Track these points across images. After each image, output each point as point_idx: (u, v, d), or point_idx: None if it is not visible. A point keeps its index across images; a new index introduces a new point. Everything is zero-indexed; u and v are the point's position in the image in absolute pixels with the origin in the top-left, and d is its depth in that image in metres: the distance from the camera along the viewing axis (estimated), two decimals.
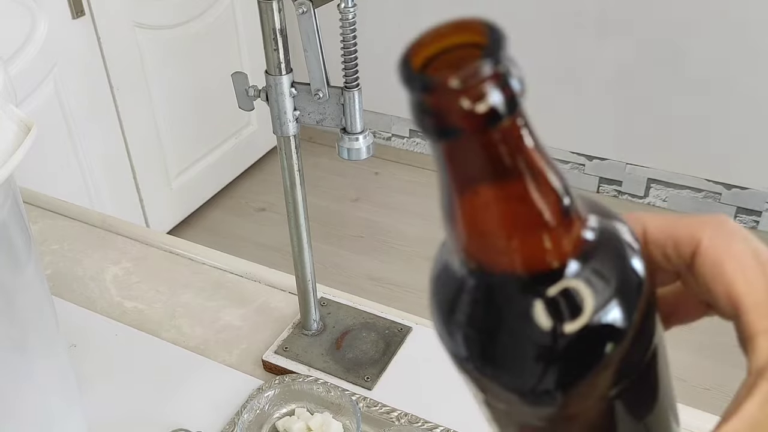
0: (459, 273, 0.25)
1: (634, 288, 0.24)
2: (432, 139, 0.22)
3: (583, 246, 0.24)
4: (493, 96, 0.20)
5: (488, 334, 0.24)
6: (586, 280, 0.23)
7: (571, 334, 0.23)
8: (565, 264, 0.23)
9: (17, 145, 0.43)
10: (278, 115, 0.61)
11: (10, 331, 0.50)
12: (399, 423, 0.64)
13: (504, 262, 0.23)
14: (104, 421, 0.66)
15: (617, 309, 0.23)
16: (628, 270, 0.24)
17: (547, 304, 0.23)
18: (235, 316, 0.78)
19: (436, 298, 0.26)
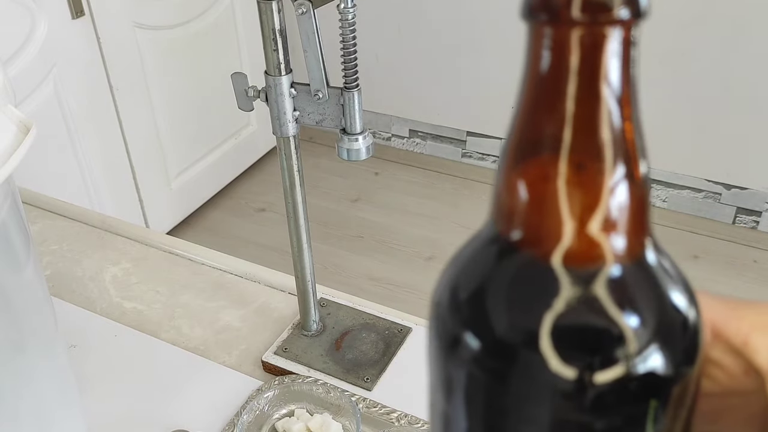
0: (484, 244, 0.22)
1: (688, 345, 0.20)
2: (536, 20, 0.19)
3: (642, 253, 0.20)
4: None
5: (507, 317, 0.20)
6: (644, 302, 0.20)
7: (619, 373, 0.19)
8: (610, 264, 0.20)
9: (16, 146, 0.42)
10: (278, 115, 0.61)
11: (9, 331, 0.50)
12: (399, 424, 0.64)
13: (549, 232, 0.20)
14: (103, 422, 0.65)
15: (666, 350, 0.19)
16: (684, 317, 0.21)
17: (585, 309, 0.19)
18: (235, 317, 0.78)
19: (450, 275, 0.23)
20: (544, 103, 0.19)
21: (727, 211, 2.13)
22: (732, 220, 2.14)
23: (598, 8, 0.18)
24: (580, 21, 0.18)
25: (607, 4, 0.18)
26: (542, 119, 0.19)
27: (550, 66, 0.19)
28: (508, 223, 0.21)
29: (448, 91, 2.37)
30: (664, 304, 0.20)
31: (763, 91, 1.94)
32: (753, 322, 0.22)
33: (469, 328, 0.21)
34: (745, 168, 2.06)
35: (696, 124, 2.06)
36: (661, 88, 2.05)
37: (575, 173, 0.19)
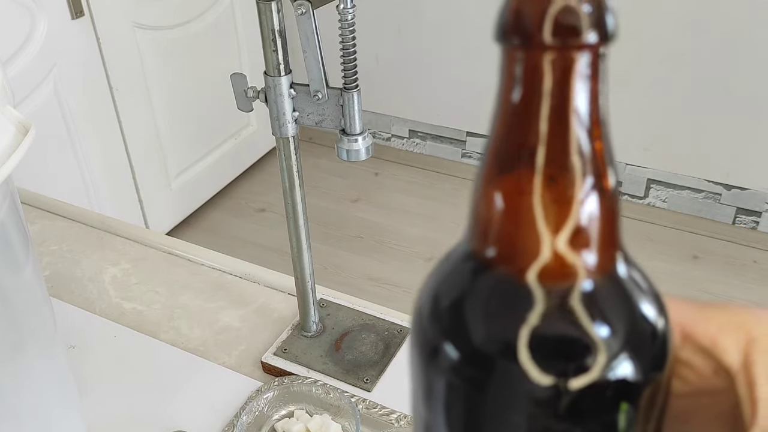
0: (461, 260, 0.23)
1: (657, 352, 0.21)
2: (508, 43, 0.20)
3: (613, 267, 0.21)
4: (586, 10, 0.19)
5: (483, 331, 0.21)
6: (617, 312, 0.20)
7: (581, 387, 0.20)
8: (582, 279, 0.20)
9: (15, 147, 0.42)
10: (277, 116, 0.61)
11: (8, 332, 0.50)
12: (398, 425, 0.64)
13: (519, 247, 0.21)
14: (103, 423, 0.65)
15: (634, 361, 0.20)
16: (650, 318, 0.21)
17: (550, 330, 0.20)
18: (234, 318, 0.78)
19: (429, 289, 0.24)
20: (517, 122, 0.20)
21: (727, 211, 2.13)
22: (732, 220, 2.14)
23: (568, 33, 0.19)
24: (551, 45, 0.19)
25: (576, 28, 0.19)
26: (514, 138, 0.20)
27: (522, 87, 0.20)
28: (483, 239, 0.22)
29: (447, 91, 2.37)
30: (634, 314, 0.21)
31: (763, 91, 1.94)
32: (721, 322, 0.23)
33: (448, 338, 0.21)
34: (745, 168, 2.06)
35: (696, 124, 2.06)
36: (661, 88, 2.05)
37: (546, 190, 0.20)
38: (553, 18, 0.19)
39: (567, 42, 0.19)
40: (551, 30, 0.19)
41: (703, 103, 2.02)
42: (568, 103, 0.19)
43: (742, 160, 2.05)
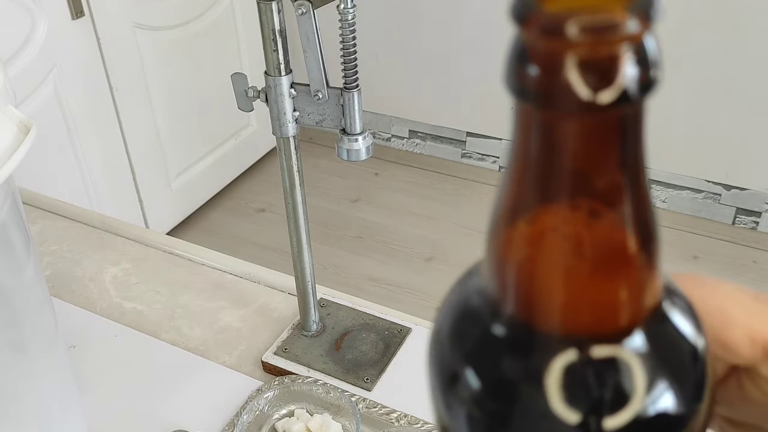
0: (484, 317, 0.20)
1: (700, 372, 0.19)
2: (527, 102, 0.16)
3: (657, 311, 0.19)
4: (627, 66, 0.15)
5: (511, 397, 0.19)
6: (657, 356, 0.18)
7: (630, 422, 0.18)
8: (632, 330, 0.18)
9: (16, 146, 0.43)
10: (278, 116, 0.61)
11: (10, 331, 0.50)
12: (398, 424, 0.64)
13: (562, 311, 0.18)
14: (103, 422, 0.66)
15: (686, 399, 0.19)
16: (692, 346, 0.20)
17: (603, 377, 0.18)
18: (235, 317, 0.78)
19: (443, 346, 0.21)
20: (539, 172, 0.17)
21: (726, 211, 2.13)
22: (732, 220, 2.14)
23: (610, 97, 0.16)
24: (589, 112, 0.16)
25: (622, 91, 0.15)
26: (541, 180, 0.17)
27: (549, 144, 0.17)
28: (504, 283, 0.19)
29: (447, 91, 2.38)
30: (676, 345, 0.19)
31: (763, 91, 1.94)
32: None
33: (468, 365, 0.20)
34: (745, 168, 2.06)
35: (696, 125, 2.06)
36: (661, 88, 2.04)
37: (585, 228, 0.18)
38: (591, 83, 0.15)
39: (611, 106, 0.16)
40: (594, 94, 0.15)
41: (703, 103, 2.02)
42: (615, 161, 0.17)
43: (742, 161, 2.06)
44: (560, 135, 0.16)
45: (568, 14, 0.15)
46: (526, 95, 0.16)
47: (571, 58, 0.15)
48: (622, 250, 0.18)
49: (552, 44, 0.15)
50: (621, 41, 0.15)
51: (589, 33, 0.15)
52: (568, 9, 0.15)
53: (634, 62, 0.15)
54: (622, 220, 0.17)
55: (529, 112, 0.17)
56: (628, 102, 0.16)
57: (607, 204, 0.17)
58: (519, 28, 0.16)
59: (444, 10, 2.24)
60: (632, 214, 0.17)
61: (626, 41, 0.15)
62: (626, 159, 0.17)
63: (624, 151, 0.17)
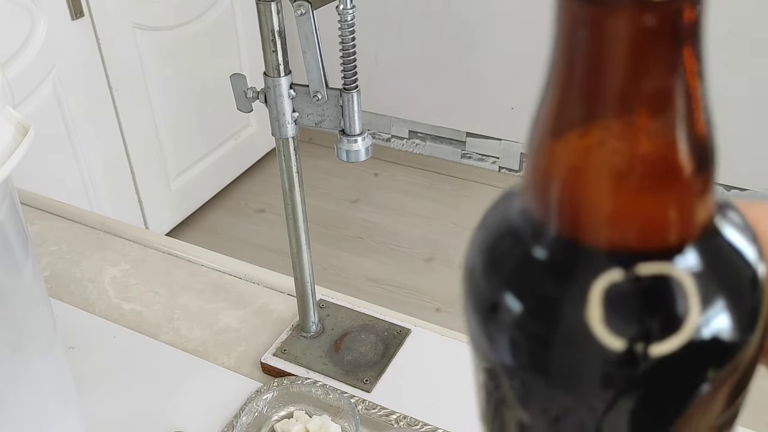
0: (526, 236, 0.18)
1: (756, 298, 0.18)
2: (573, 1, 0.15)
3: (711, 228, 0.18)
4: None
5: (560, 319, 0.17)
6: (709, 276, 0.17)
7: (678, 347, 0.17)
8: (684, 248, 0.17)
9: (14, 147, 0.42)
10: (277, 116, 0.61)
11: (7, 333, 0.50)
12: (398, 426, 0.64)
13: (613, 225, 0.17)
14: (102, 423, 0.65)
15: (739, 325, 0.17)
16: (750, 270, 0.18)
17: (651, 296, 0.17)
18: (234, 318, 0.78)
19: (482, 268, 0.19)
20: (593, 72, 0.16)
21: None
22: None
23: None
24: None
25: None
26: (589, 86, 0.16)
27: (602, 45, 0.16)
28: (546, 200, 0.18)
29: (447, 92, 2.38)
30: (735, 266, 0.18)
31: (763, 91, 1.94)
32: None
33: (507, 291, 0.18)
34: (745, 169, 2.06)
35: None
36: None
37: (634, 141, 0.16)
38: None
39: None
40: None
41: None
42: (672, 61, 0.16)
43: (742, 161, 2.06)
44: (610, 34, 0.15)
45: None
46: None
47: None
48: (673, 162, 0.16)
49: None
50: None
51: None
52: None
53: None
54: (674, 132, 0.16)
55: (575, 8, 0.15)
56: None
57: (659, 114, 0.16)
58: None
59: (444, 10, 2.24)
60: (685, 125, 0.16)
61: None
62: (681, 65, 0.16)
63: (679, 55, 0.16)
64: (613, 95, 0.16)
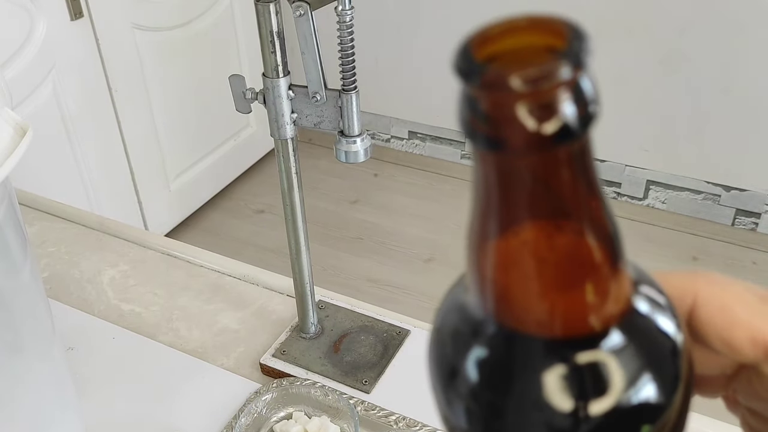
0: (473, 323, 0.21)
1: (675, 364, 0.21)
2: (479, 147, 0.18)
3: (628, 310, 0.21)
4: (566, 107, 0.17)
5: (502, 399, 0.20)
6: (631, 351, 0.20)
7: (609, 413, 0.20)
8: (607, 330, 0.20)
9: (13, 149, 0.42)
10: (276, 117, 0.61)
11: (6, 333, 0.50)
12: (397, 426, 0.64)
13: (538, 319, 0.20)
14: (101, 424, 0.65)
15: (661, 389, 0.20)
16: (669, 341, 0.21)
17: (582, 376, 0.20)
18: (233, 319, 0.78)
19: (440, 347, 0.22)
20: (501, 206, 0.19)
21: (726, 212, 2.13)
22: (731, 221, 2.14)
23: (548, 139, 0.17)
24: (534, 150, 0.17)
25: (557, 132, 0.17)
26: (506, 209, 0.19)
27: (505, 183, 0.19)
28: (485, 296, 0.21)
29: (447, 92, 2.36)
30: (652, 338, 0.21)
31: (762, 92, 1.94)
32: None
33: (466, 361, 0.21)
34: (745, 169, 2.06)
35: (695, 125, 2.06)
36: (661, 88, 2.05)
37: (551, 241, 0.19)
38: (531, 124, 0.17)
39: (554, 145, 0.17)
40: (537, 136, 0.17)
41: (702, 103, 2.02)
42: (571, 183, 0.18)
43: (742, 161, 2.06)
44: (513, 170, 0.18)
45: (507, 69, 0.17)
46: (478, 140, 0.18)
47: (518, 104, 0.17)
48: (583, 260, 0.19)
49: (495, 97, 0.17)
50: (557, 87, 0.17)
51: (530, 83, 0.16)
52: (508, 58, 0.18)
53: (571, 101, 0.17)
54: (580, 234, 0.19)
55: (486, 154, 0.18)
56: (571, 137, 0.17)
57: (565, 220, 0.19)
58: (463, 83, 0.18)
59: (443, 11, 2.24)
60: (589, 227, 0.19)
61: (562, 86, 0.17)
62: (576, 183, 0.18)
63: (574, 176, 0.18)
64: (521, 210, 0.19)
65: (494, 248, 0.20)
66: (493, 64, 0.18)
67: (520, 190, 0.18)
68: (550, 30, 0.18)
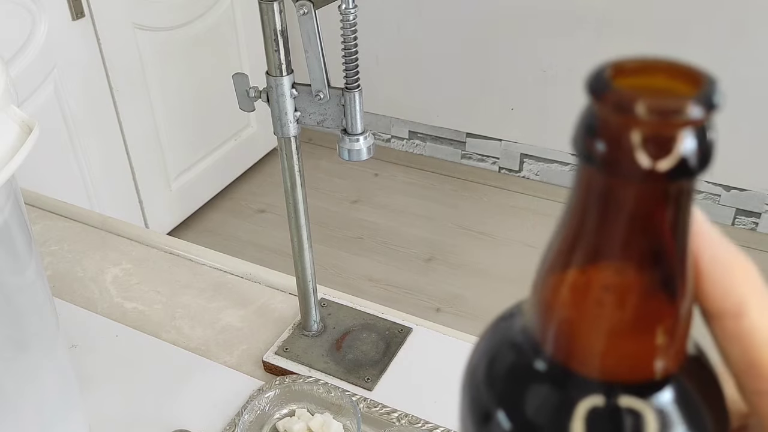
0: (525, 358, 0.21)
1: None
2: (593, 168, 0.18)
3: (685, 366, 0.21)
4: (688, 144, 0.17)
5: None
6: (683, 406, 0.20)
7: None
8: (660, 384, 0.20)
9: (19, 146, 0.43)
10: (279, 116, 0.61)
11: (11, 331, 0.50)
12: (399, 424, 0.64)
13: (608, 364, 0.20)
14: (105, 422, 0.66)
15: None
16: (718, 408, 0.21)
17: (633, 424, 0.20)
18: (236, 317, 0.78)
19: (487, 384, 0.22)
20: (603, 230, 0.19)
21: (726, 212, 2.14)
22: (731, 221, 2.14)
23: (670, 172, 0.17)
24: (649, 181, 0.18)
25: (681, 167, 0.17)
26: (596, 237, 0.19)
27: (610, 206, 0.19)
28: (545, 328, 0.21)
29: (447, 92, 2.38)
30: (695, 416, 0.20)
31: (762, 92, 1.94)
32: None
33: (501, 407, 0.21)
34: (745, 169, 2.06)
35: None
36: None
37: (633, 290, 0.19)
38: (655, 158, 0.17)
39: (669, 178, 0.17)
40: (657, 166, 0.17)
41: None
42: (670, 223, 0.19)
43: (742, 161, 2.06)
44: (619, 199, 0.18)
45: (640, 95, 0.17)
46: (592, 160, 0.18)
47: (638, 132, 0.17)
48: (660, 312, 0.19)
49: (622, 119, 0.17)
50: (684, 125, 0.17)
51: (657, 114, 0.17)
52: (640, 90, 0.17)
53: (693, 143, 0.17)
54: (664, 284, 0.19)
55: (592, 176, 0.18)
56: (682, 177, 0.17)
57: (653, 266, 0.19)
58: (593, 100, 0.18)
59: (444, 11, 2.24)
60: (674, 278, 0.19)
61: (689, 125, 0.17)
62: (674, 227, 0.18)
63: (673, 219, 0.18)
64: (616, 247, 0.19)
65: (576, 277, 0.19)
66: (625, 85, 0.18)
67: (619, 221, 0.18)
68: (687, 76, 0.19)
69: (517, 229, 2.16)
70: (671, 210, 0.18)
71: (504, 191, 2.36)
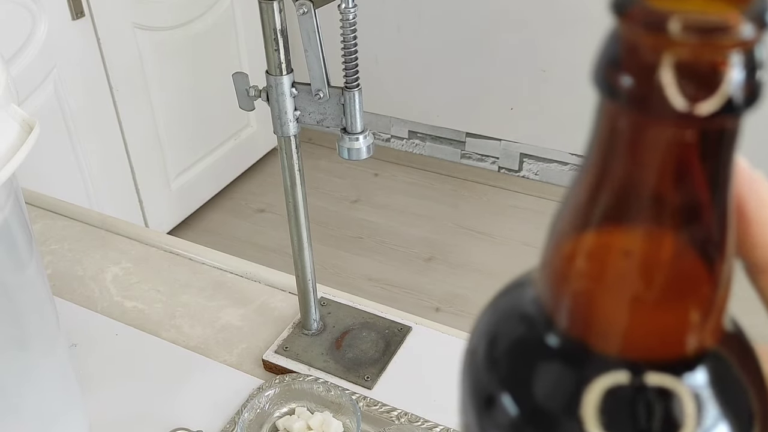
0: (534, 334, 0.18)
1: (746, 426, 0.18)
2: (616, 102, 0.15)
3: (722, 342, 0.18)
4: (736, 72, 0.14)
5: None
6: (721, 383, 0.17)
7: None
8: (692, 362, 0.17)
9: (19, 145, 0.43)
10: (279, 115, 0.61)
11: (12, 329, 0.50)
12: (399, 422, 0.64)
13: (635, 339, 0.17)
14: (105, 421, 0.66)
15: None
16: (750, 405, 0.18)
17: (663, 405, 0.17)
18: (235, 316, 0.78)
19: (488, 361, 0.19)
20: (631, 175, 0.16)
21: None
22: None
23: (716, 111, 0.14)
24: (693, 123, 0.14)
25: (727, 108, 0.14)
26: (629, 188, 0.16)
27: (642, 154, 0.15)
28: (560, 297, 0.18)
29: (447, 92, 2.38)
30: (730, 392, 0.18)
31: None
32: None
33: (505, 390, 0.18)
34: None
35: None
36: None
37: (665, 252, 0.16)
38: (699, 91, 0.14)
39: (712, 117, 0.14)
40: (697, 100, 0.14)
41: None
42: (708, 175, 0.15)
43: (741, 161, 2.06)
44: (649, 144, 0.15)
45: (676, 11, 0.13)
46: (616, 94, 0.15)
47: (672, 59, 0.14)
48: (696, 278, 0.16)
49: (652, 40, 0.14)
50: (730, 46, 0.14)
51: (697, 33, 0.13)
52: (676, 6, 0.14)
53: (740, 71, 0.14)
54: (699, 248, 0.16)
55: (617, 114, 0.15)
56: (727, 114, 0.14)
57: (687, 228, 0.16)
58: (617, 20, 0.14)
59: (443, 10, 2.24)
60: (712, 241, 0.16)
61: (736, 47, 0.14)
62: (714, 179, 0.15)
63: (713, 169, 0.15)
64: (645, 202, 0.15)
65: (594, 241, 0.16)
66: (659, 1, 0.14)
67: (649, 170, 0.15)
68: None
69: (517, 229, 2.17)
70: (712, 155, 0.15)
71: (504, 191, 2.36)
